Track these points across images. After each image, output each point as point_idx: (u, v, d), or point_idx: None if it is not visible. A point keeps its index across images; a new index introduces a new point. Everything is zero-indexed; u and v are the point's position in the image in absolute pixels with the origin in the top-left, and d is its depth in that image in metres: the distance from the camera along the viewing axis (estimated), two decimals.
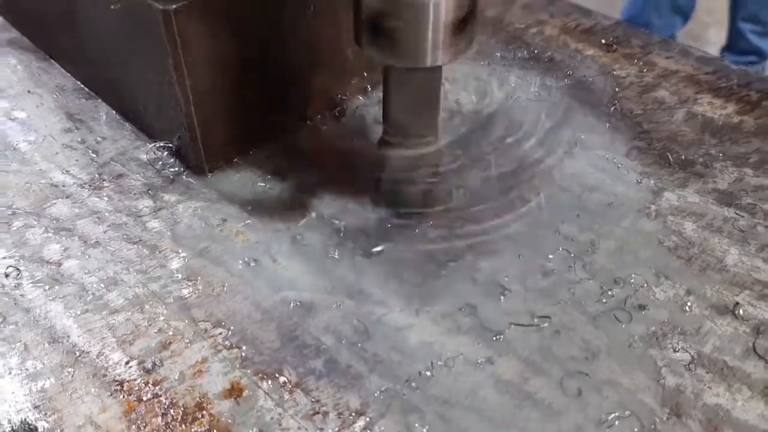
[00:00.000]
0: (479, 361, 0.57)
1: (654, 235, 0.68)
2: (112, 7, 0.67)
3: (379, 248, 0.66)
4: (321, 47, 0.76)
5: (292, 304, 0.61)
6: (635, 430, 0.53)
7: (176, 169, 0.75)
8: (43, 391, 0.55)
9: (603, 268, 0.65)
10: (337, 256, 0.65)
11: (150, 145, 0.77)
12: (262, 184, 0.73)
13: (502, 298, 0.62)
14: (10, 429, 0.52)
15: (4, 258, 0.65)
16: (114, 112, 0.82)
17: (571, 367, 0.57)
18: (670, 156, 0.76)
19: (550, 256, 0.66)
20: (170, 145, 0.75)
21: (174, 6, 0.62)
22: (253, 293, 0.62)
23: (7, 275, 0.64)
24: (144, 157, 0.76)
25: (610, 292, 0.62)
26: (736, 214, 0.70)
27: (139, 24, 0.67)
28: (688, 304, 0.62)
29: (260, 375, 0.56)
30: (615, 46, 0.94)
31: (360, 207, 0.70)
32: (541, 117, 0.82)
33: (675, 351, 0.58)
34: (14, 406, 0.54)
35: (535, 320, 0.60)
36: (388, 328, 0.60)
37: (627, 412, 0.54)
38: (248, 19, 0.68)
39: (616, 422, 0.53)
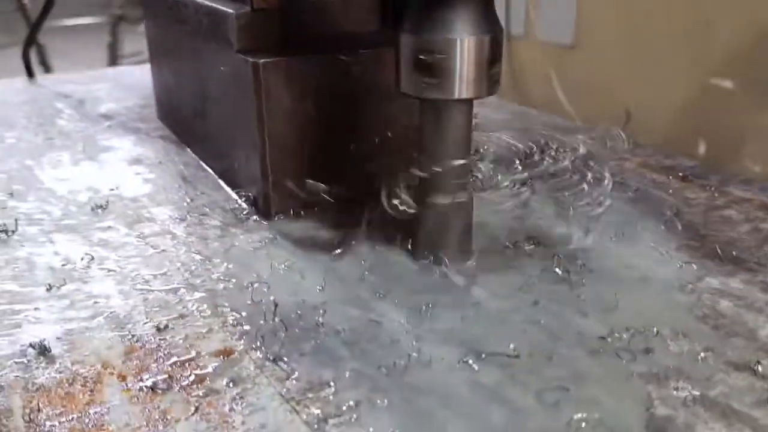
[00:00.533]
0: (458, 365, 0.57)
1: (684, 305, 0.65)
2: (222, 68, 0.83)
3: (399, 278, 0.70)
4: (395, 126, 0.85)
5: (303, 304, 0.65)
6: None
7: (249, 214, 0.85)
8: (70, 329, 0.63)
9: (617, 320, 0.62)
10: (361, 281, 0.70)
11: (234, 196, 0.89)
12: (316, 231, 0.80)
13: (503, 327, 0.62)
14: (28, 345, 0.59)
15: (84, 250, 0.77)
16: (217, 178, 0.96)
17: (554, 384, 0.55)
18: (721, 251, 0.74)
19: (564, 306, 0.65)
20: (249, 194, 0.86)
21: (262, 60, 0.77)
22: (272, 294, 0.67)
23: (82, 259, 0.75)
24: (227, 205, 0.88)
25: (617, 335, 0.60)
26: None
27: (237, 81, 0.81)
28: (702, 355, 0.58)
29: (253, 346, 0.60)
30: (692, 178, 0.95)
31: (398, 258, 0.74)
32: (593, 215, 0.83)
33: (675, 390, 0.54)
34: (43, 333, 0.61)
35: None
36: (384, 332, 0.61)
37: (601, 427, 0.50)
38: (325, 85, 0.80)
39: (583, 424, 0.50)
